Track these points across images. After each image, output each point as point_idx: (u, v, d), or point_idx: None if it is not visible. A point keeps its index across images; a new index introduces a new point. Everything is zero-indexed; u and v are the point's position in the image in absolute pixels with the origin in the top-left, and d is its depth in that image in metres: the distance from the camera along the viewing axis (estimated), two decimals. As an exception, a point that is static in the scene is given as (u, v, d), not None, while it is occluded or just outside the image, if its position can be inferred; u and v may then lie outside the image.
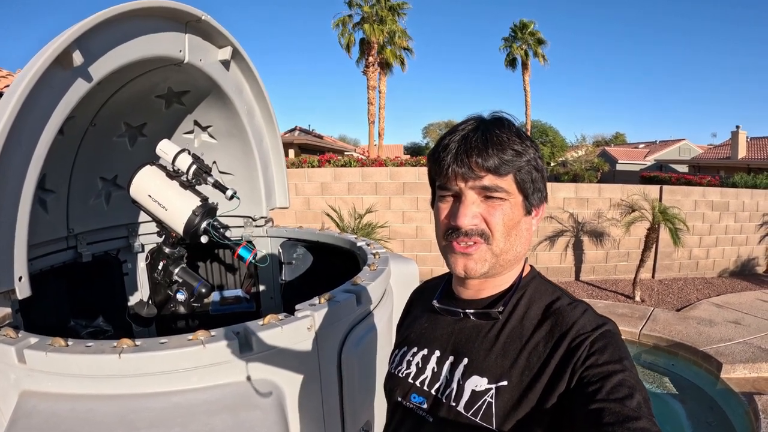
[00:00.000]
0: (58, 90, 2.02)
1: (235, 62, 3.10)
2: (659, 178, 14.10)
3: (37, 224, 2.78)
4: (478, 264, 1.02)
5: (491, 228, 1.00)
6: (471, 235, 0.99)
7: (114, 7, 2.15)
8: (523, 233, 1.05)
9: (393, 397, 1.18)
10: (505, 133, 0.98)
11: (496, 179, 0.97)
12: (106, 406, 1.57)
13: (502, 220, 0.99)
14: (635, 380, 0.86)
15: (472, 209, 0.99)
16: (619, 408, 0.80)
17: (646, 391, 0.85)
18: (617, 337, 0.95)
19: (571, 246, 10.20)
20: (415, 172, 9.56)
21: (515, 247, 1.04)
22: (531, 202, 1.03)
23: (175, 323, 3.07)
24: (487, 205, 1.00)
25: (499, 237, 1.00)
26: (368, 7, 26.15)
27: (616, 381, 0.84)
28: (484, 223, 1.00)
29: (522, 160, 0.98)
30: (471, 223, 0.99)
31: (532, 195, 1.03)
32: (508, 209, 1.00)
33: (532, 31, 32.55)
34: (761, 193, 11.22)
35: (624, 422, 0.77)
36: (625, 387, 0.83)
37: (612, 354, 0.90)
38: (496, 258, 1.02)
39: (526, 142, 1.00)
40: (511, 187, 0.99)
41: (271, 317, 1.83)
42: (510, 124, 1.02)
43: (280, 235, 3.84)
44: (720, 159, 29.06)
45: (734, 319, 7.46)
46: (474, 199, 0.99)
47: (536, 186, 1.03)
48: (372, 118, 27.89)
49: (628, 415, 0.78)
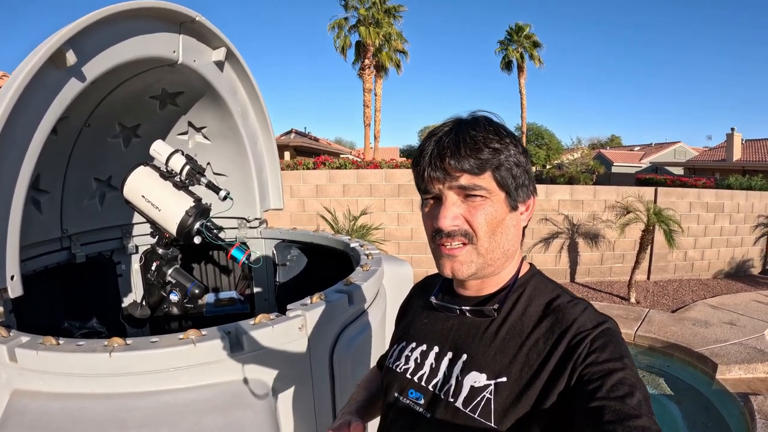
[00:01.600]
0: (51, 89, 2.02)
1: (230, 63, 3.10)
2: (654, 180, 14.10)
3: (31, 225, 2.78)
4: (464, 265, 1.02)
5: (474, 228, 0.99)
6: (454, 236, 0.99)
7: (108, 7, 2.15)
8: (510, 230, 1.04)
9: (390, 392, 1.17)
10: (481, 133, 0.98)
11: (473, 178, 0.97)
12: (97, 405, 1.57)
13: (484, 219, 0.99)
14: (635, 378, 0.86)
15: (452, 210, 0.99)
16: (619, 406, 0.79)
17: (646, 390, 0.85)
18: (618, 335, 0.95)
19: (566, 248, 10.21)
20: (410, 175, 9.30)
21: (502, 245, 1.03)
22: (515, 198, 1.03)
23: (169, 324, 3.06)
24: (468, 205, 0.99)
25: (483, 236, 1.00)
26: (364, 9, 26.13)
27: (617, 379, 0.84)
28: (467, 223, 1.00)
29: (500, 157, 0.98)
30: (452, 224, 0.99)
31: (516, 191, 1.02)
32: (490, 208, 0.99)
33: (528, 34, 32.56)
34: (756, 194, 11.24)
35: (624, 420, 0.77)
36: (626, 385, 0.83)
37: (612, 352, 0.90)
38: (482, 258, 1.02)
39: (505, 139, 1.00)
40: (491, 185, 0.99)
41: (263, 317, 1.83)
42: (487, 122, 1.02)
43: (274, 236, 3.84)
44: (715, 161, 29.14)
45: (729, 320, 7.47)
46: (454, 200, 1.00)
47: (519, 181, 1.02)
48: (368, 120, 27.84)
49: (628, 414, 0.78)
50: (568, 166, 28.67)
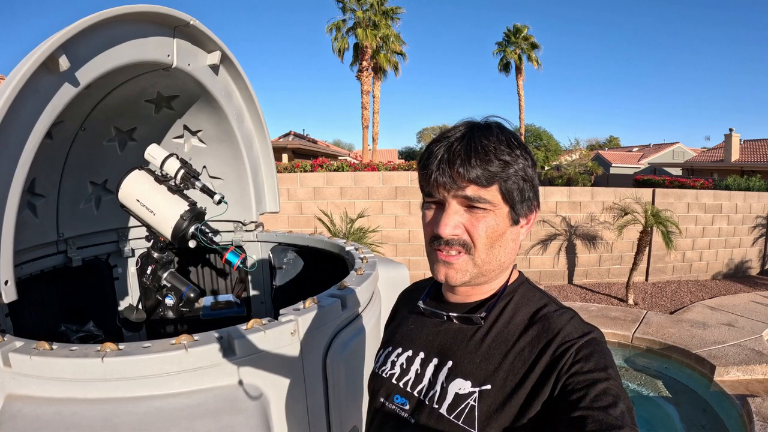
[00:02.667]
0: (44, 94, 2.02)
1: (224, 67, 3.10)
2: (652, 181, 14.13)
3: (26, 228, 2.78)
4: (458, 273, 1.01)
5: (473, 239, 0.99)
6: (452, 244, 0.99)
7: (101, 11, 2.15)
8: (508, 244, 1.03)
9: (376, 397, 1.17)
10: (493, 143, 0.96)
11: (480, 190, 0.96)
12: (90, 410, 1.57)
13: (485, 231, 0.98)
14: (619, 389, 0.86)
15: (453, 219, 0.98)
16: (602, 416, 0.80)
17: (629, 401, 0.85)
18: (603, 345, 0.95)
19: (564, 249, 10.21)
20: (408, 177, 9.56)
21: (498, 258, 1.03)
22: (518, 213, 1.02)
23: (165, 328, 3.06)
24: (470, 215, 0.98)
25: (482, 248, 0.99)
26: (362, 11, 26.15)
27: (601, 389, 0.84)
28: (467, 233, 0.99)
29: (509, 171, 0.96)
30: (452, 233, 0.98)
31: (520, 205, 1.01)
32: (491, 221, 0.98)
33: (526, 36, 32.60)
34: (754, 195, 11.25)
35: (607, 430, 0.77)
36: (610, 395, 0.83)
37: (597, 362, 0.90)
38: (478, 268, 1.02)
39: (515, 151, 0.98)
40: (496, 198, 0.98)
41: (255, 321, 1.83)
42: (500, 131, 1.00)
43: (270, 239, 3.84)
44: (713, 162, 29.19)
45: (727, 321, 7.48)
46: (456, 209, 0.99)
47: (524, 196, 1.01)
48: (366, 122, 27.85)
49: (611, 424, 0.78)
50: (567, 168, 28.65)
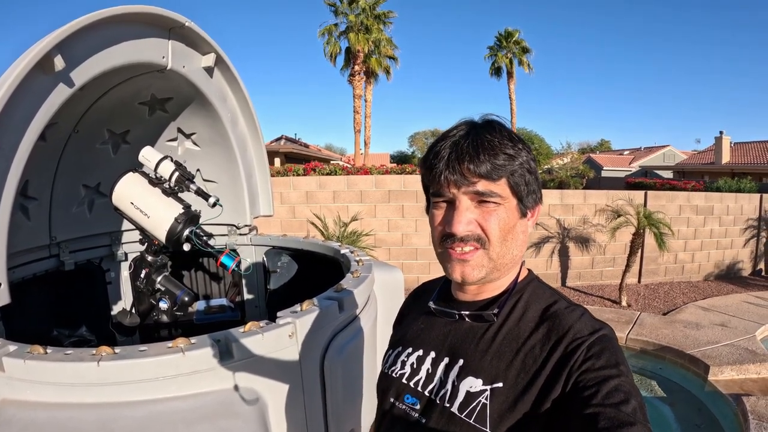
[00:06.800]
0: (39, 95, 2.01)
1: (219, 69, 3.09)
2: (644, 183, 14.23)
3: (19, 232, 2.75)
4: (475, 270, 1.01)
5: (487, 233, 0.99)
6: (467, 240, 0.99)
7: (96, 12, 2.13)
8: (519, 236, 1.05)
9: (386, 397, 1.16)
10: (497, 137, 0.98)
11: (490, 184, 0.97)
12: (86, 415, 1.55)
13: (497, 225, 0.99)
14: (631, 385, 0.85)
15: (466, 215, 0.98)
16: (614, 413, 0.79)
17: (641, 397, 0.84)
18: (614, 341, 0.95)
19: (557, 252, 10.23)
20: (401, 180, 9.55)
21: (512, 251, 1.04)
22: (526, 205, 1.03)
23: (159, 332, 3.03)
24: (481, 210, 0.99)
25: (496, 242, 1.00)
26: (354, 15, 26.19)
27: (612, 386, 0.84)
28: (480, 228, 0.99)
29: (515, 164, 0.98)
30: (466, 229, 0.98)
31: (527, 197, 1.03)
32: (503, 214, 0.99)
33: (517, 40, 32.75)
34: (745, 196, 11.35)
35: (619, 427, 0.77)
36: (621, 392, 0.83)
37: (608, 359, 0.89)
38: (493, 263, 1.02)
39: (518, 144, 1.00)
40: (505, 192, 0.99)
41: (252, 324, 1.81)
42: (501, 127, 1.02)
43: (264, 243, 3.82)
44: (704, 164, 29.42)
45: (720, 321, 7.52)
46: (468, 205, 0.99)
47: (530, 188, 1.03)
48: (358, 126, 27.85)
49: (623, 421, 0.78)
50: (558, 171, 28.78)
